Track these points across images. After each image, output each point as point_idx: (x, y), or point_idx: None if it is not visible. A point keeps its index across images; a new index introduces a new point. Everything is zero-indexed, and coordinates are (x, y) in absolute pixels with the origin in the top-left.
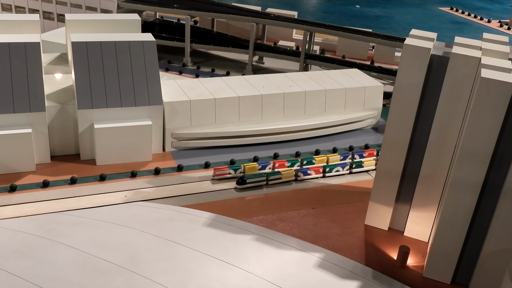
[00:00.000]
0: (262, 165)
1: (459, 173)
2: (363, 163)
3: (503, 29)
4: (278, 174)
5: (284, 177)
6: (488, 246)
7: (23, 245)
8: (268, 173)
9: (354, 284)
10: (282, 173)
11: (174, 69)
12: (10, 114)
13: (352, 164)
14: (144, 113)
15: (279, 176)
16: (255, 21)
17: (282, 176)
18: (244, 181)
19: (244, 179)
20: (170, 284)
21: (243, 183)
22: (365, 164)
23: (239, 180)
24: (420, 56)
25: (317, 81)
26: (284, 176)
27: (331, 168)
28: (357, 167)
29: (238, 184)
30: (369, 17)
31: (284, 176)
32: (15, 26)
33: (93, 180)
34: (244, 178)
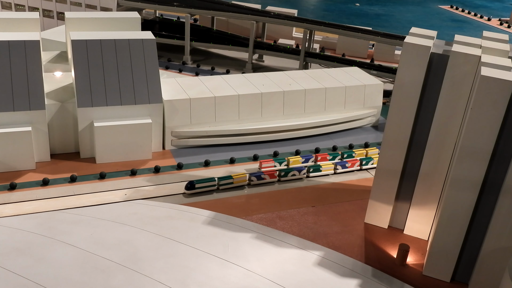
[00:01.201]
0: (305, 158)
1: (459, 171)
2: (321, 167)
3: (503, 27)
4: (229, 179)
5: (236, 182)
6: (487, 244)
7: (23, 243)
8: (220, 178)
9: (354, 282)
10: (234, 178)
11: (174, 67)
12: (10, 112)
13: (309, 168)
14: (144, 111)
15: (230, 181)
16: (255, 19)
17: (234, 180)
18: (193, 186)
19: (193, 184)
20: (170, 282)
21: (191, 188)
22: (323, 168)
23: (188, 185)
24: (420, 54)
25: (317, 79)
26: (236, 181)
27: (286, 172)
28: (315, 171)
29: (187, 189)
30: (369, 15)
31: (236, 181)
32: (15, 24)
33: (93, 178)
34: (193, 183)
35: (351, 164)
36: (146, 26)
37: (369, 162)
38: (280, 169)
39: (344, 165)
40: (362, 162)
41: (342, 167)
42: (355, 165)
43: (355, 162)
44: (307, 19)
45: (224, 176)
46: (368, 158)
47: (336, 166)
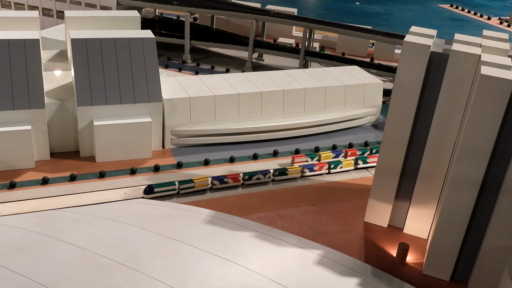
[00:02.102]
0: (336, 153)
1: (458, 170)
2: (287, 171)
3: (503, 26)
4: (191, 183)
5: (198, 186)
6: (487, 243)
7: (22, 241)
8: (180, 181)
9: (353, 281)
10: (195, 181)
11: (173, 66)
12: (9, 111)
13: (275, 172)
14: (143, 110)
15: (191, 185)
16: (254, 18)
17: (195, 184)
18: (151, 190)
19: (152, 188)
20: (169, 281)
21: (150, 193)
22: (289, 171)
23: (146, 189)
24: (420, 53)
25: (317, 78)
26: (198, 184)
27: (250, 176)
28: (280, 175)
29: (145, 193)
30: (369, 14)
31: (197, 185)
32: (15, 23)
33: (92, 177)
34: (151, 187)
35: (319, 167)
36: (145, 25)
37: (338, 166)
38: (244, 173)
39: (311, 168)
40: (330, 166)
41: (309, 171)
42: (323, 168)
43: (323, 166)
44: (307, 18)
45: (185, 180)
46: (337, 162)
47: (303, 170)
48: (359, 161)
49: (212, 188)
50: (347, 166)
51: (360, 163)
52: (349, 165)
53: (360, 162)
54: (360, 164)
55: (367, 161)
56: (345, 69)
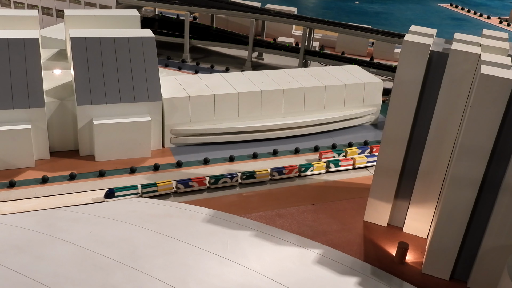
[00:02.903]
0: (361, 149)
1: (458, 170)
2: (255, 174)
3: (502, 25)
4: (154, 186)
5: (161, 190)
6: (487, 242)
7: (22, 240)
8: (143, 185)
9: (353, 280)
10: (158, 185)
11: (173, 65)
12: (9, 110)
13: (243, 175)
14: (143, 109)
15: (155, 189)
16: (254, 17)
17: (159, 188)
18: (112, 194)
19: (113, 192)
20: (169, 280)
21: (111, 196)
22: (258, 175)
23: (107, 193)
24: (420, 52)
25: (317, 77)
26: (161, 188)
27: (216, 180)
28: (248, 178)
29: (106, 197)
30: (368, 13)
31: (160, 189)
32: (14, 22)
33: (92, 176)
34: (112, 190)
35: (288, 170)
36: (145, 24)
37: (309, 169)
38: (210, 176)
39: (281, 172)
40: (301, 169)
41: (278, 174)
42: (293, 171)
43: (293, 169)
44: (306, 17)
45: (148, 184)
46: (308, 165)
47: (272, 173)
48: (331, 165)
49: (176, 192)
50: (318, 169)
51: (332, 167)
52: (320, 168)
53: (332, 166)
54: (332, 167)
55: (339, 164)
56: (344, 68)
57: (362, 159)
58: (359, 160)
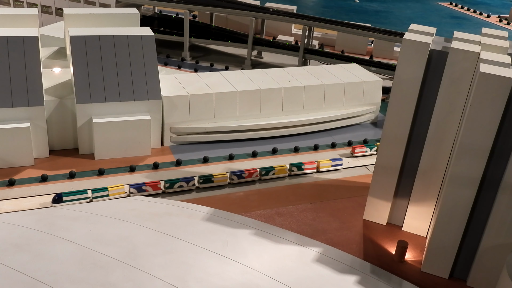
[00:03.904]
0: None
1: (457, 168)
2: (213, 177)
3: (502, 24)
4: (105, 191)
5: (112, 194)
6: (486, 241)
7: (22, 239)
8: (94, 190)
9: (352, 279)
10: (110, 189)
11: (172, 64)
12: (8, 108)
13: (200, 179)
14: (142, 108)
15: (106, 193)
16: (254, 15)
17: (110, 193)
18: (60, 199)
19: (61, 197)
20: (168, 278)
21: (59, 201)
22: (216, 179)
23: (55, 197)
24: (419, 51)
25: (316, 76)
26: (113, 193)
27: (171, 184)
28: (205, 182)
29: (54, 202)
30: (368, 12)
31: (112, 193)
32: (14, 20)
33: (91, 174)
34: (60, 195)
35: (248, 174)
36: (145, 22)
37: (270, 172)
38: (165, 180)
39: (240, 175)
40: (262, 173)
41: (238, 178)
42: (253, 175)
43: (253, 172)
44: (306, 16)
45: (99, 188)
46: (270, 168)
47: (231, 176)
48: (293, 168)
49: (129, 196)
50: (280, 173)
51: (295, 170)
52: (282, 172)
53: (295, 169)
54: (295, 171)
55: (302, 168)
56: (344, 66)
57: (326, 163)
58: (324, 163)
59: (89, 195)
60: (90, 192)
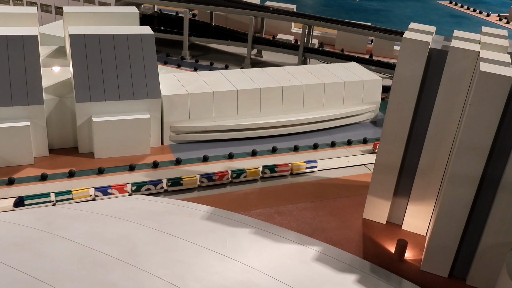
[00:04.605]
0: None
1: (457, 167)
2: (181, 180)
3: (502, 23)
4: (69, 194)
5: (76, 197)
6: (485, 240)
7: (21, 237)
8: (57, 193)
9: (352, 278)
10: (74, 193)
11: (172, 62)
12: (8, 107)
13: (168, 182)
14: (142, 107)
15: (70, 196)
16: (253, 14)
17: (74, 196)
18: (22, 202)
19: (22, 201)
20: (168, 277)
21: (20, 205)
22: (185, 181)
23: (16, 201)
24: (419, 49)
25: (316, 75)
26: (76, 196)
27: (138, 187)
28: (174, 185)
29: (15, 206)
30: (368, 11)
31: (76, 197)
32: (13, 19)
33: (91, 173)
34: (22, 199)
35: (219, 177)
36: (144, 21)
37: (241, 175)
38: (132, 183)
39: (210, 178)
40: (233, 175)
41: (208, 180)
42: (224, 177)
43: (224, 175)
44: (306, 14)
45: (62, 192)
46: (241, 170)
47: (201, 179)
48: (266, 170)
49: (94, 199)
50: (252, 175)
51: (268, 172)
52: (254, 174)
53: (268, 171)
54: (268, 173)
55: (275, 170)
56: (344, 65)
57: (301, 165)
58: (297, 166)
59: (52, 198)
60: (53, 196)
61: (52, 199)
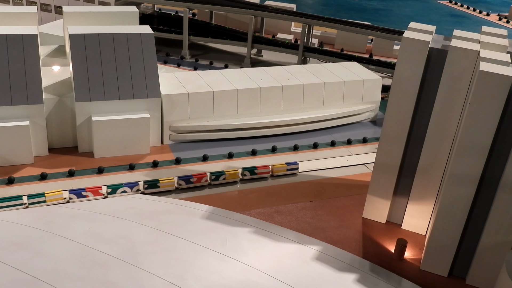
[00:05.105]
0: None
1: (457, 166)
2: (159, 182)
3: (502, 22)
4: (42, 197)
5: (49, 200)
6: (485, 239)
7: (21, 237)
8: (29, 196)
9: (351, 277)
10: (47, 195)
11: (172, 62)
12: (7, 107)
13: (145, 184)
14: (142, 106)
15: (43, 199)
16: (253, 13)
17: (47, 199)
18: None
19: None
20: (168, 276)
21: None
22: (162, 184)
23: None
24: (419, 49)
25: (316, 74)
26: (50, 199)
27: (114, 189)
28: (150, 187)
29: None
30: (367, 10)
31: (49, 199)
32: (13, 18)
33: (91, 172)
34: None
35: (197, 179)
36: (144, 20)
37: (220, 177)
38: (108, 185)
39: (188, 180)
40: (211, 177)
41: (185, 183)
42: (202, 180)
43: (202, 177)
44: (305, 14)
45: (34, 194)
46: (220, 172)
47: (179, 182)
48: (245, 172)
49: (68, 202)
50: (231, 177)
51: (247, 174)
52: (233, 177)
53: (247, 173)
54: (247, 175)
55: (255, 172)
56: (343, 65)
57: (281, 167)
58: (278, 168)
59: (24, 201)
60: (26, 198)
61: (25, 201)
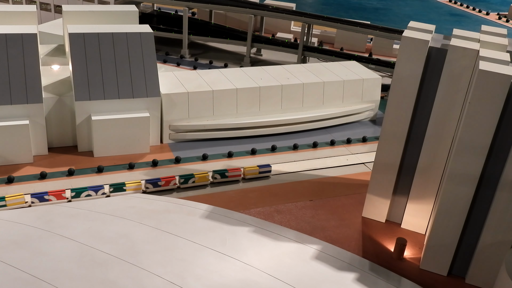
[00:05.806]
0: None
1: (456, 165)
2: (125, 185)
3: (501, 21)
4: (2, 201)
5: (10, 204)
6: (485, 238)
7: (20, 236)
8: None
9: (351, 276)
10: (7, 199)
11: (172, 61)
12: (7, 106)
13: (111, 187)
14: (141, 105)
15: (3, 203)
16: (253, 13)
17: (7, 203)
18: None
19: None
20: (167, 276)
21: None
22: (128, 187)
23: None
24: (418, 48)
25: (315, 73)
26: (10, 203)
27: (78, 193)
28: (116, 191)
29: None
30: (367, 9)
31: (9, 203)
32: (12, 17)
33: (90, 172)
34: None
35: (165, 182)
36: (144, 19)
37: (190, 180)
38: (71, 189)
39: (156, 184)
40: (180, 180)
41: (153, 186)
42: (170, 183)
43: (170, 180)
44: (305, 13)
45: None
46: (189, 175)
47: (146, 185)
48: (216, 175)
49: (30, 206)
50: (201, 180)
51: (218, 177)
52: (203, 180)
53: (218, 176)
54: (218, 178)
55: (226, 174)
56: (343, 64)
57: (253, 170)
58: (250, 170)
59: None
60: None
61: None
